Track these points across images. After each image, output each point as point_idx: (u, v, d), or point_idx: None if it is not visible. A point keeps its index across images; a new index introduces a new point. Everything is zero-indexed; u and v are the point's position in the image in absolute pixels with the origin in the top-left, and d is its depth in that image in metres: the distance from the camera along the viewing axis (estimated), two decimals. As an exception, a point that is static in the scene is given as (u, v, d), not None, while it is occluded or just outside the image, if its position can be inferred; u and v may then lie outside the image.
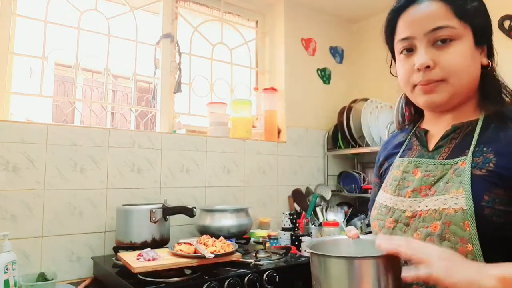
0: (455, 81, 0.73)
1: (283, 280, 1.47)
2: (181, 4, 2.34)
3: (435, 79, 0.74)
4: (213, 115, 2.24)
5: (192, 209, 1.67)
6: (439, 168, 0.76)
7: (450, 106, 0.78)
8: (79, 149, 1.73)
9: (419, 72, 0.75)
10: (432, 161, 0.78)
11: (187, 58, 2.33)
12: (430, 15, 0.74)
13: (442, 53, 0.73)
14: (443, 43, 0.73)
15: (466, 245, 0.66)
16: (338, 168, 2.73)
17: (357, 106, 2.51)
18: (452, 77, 0.73)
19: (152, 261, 1.33)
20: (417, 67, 0.74)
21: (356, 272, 0.64)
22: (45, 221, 1.62)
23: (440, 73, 0.73)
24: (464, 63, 0.73)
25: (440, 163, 0.76)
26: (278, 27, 2.62)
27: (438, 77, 0.74)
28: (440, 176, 0.75)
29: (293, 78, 2.58)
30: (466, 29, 0.73)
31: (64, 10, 1.93)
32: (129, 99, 3.88)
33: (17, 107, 1.81)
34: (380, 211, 0.84)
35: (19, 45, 1.81)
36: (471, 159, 0.71)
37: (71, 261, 1.67)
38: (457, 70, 0.73)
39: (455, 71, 0.73)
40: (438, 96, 0.75)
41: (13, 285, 1.30)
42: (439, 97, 0.75)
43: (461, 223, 0.67)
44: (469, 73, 0.74)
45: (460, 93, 0.75)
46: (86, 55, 1.97)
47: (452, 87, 0.74)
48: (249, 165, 2.28)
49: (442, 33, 0.73)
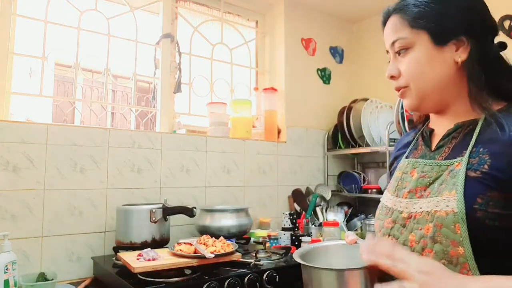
0: (417, 86, 0.78)
1: (283, 280, 1.47)
2: (181, 4, 2.34)
3: (400, 86, 0.80)
4: (213, 115, 2.24)
5: (192, 209, 1.67)
6: (435, 169, 0.76)
7: (429, 107, 0.81)
8: (79, 149, 1.73)
9: (390, 79, 0.82)
10: (429, 162, 0.78)
11: (187, 58, 2.33)
12: (391, 30, 0.81)
13: (402, 62, 0.79)
14: (402, 53, 0.79)
15: (457, 248, 0.66)
16: (338, 168, 2.73)
17: (357, 106, 2.51)
18: (413, 82, 0.78)
19: (152, 261, 1.33)
20: (386, 76, 0.82)
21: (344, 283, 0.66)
22: (45, 221, 1.62)
23: (403, 80, 0.79)
24: (419, 69, 0.77)
25: (436, 164, 0.76)
26: (278, 27, 2.62)
27: (402, 85, 0.80)
28: (435, 177, 0.75)
29: (293, 78, 2.58)
30: (419, 35, 0.76)
31: (64, 10, 1.93)
32: (129, 99, 3.88)
33: (17, 107, 1.81)
34: (381, 211, 0.85)
35: (19, 45, 1.81)
36: (467, 160, 0.70)
37: (71, 261, 1.67)
38: (414, 76, 0.77)
39: (413, 77, 0.78)
40: (408, 101, 0.81)
41: (13, 285, 1.30)
42: (409, 101, 0.81)
43: (452, 226, 0.66)
44: (428, 76, 0.77)
45: (430, 95, 0.78)
46: (86, 55, 1.97)
47: (416, 91, 0.78)
48: (249, 165, 2.28)
49: (398, 44, 0.79)
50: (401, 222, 0.77)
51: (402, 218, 0.77)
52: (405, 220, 0.76)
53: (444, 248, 0.67)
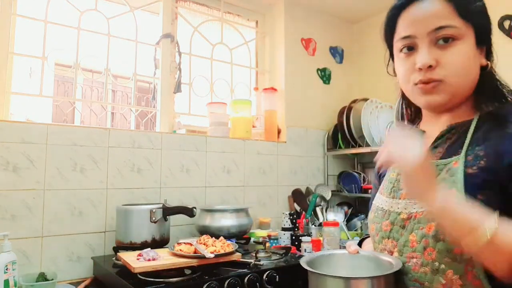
0: (455, 81, 0.73)
1: (283, 280, 1.47)
2: (181, 4, 2.34)
3: (436, 79, 0.73)
4: (213, 115, 2.24)
5: (192, 209, 1.66)
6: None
7: (449, 106, 0.77)
8: (79, 149, 1.73)
9: (420, 72, 0.74)
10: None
11: (187, 58, 2.33)
12: (433, 14, 0.72)
13: (445, 52, 0.72)
14: (446, 43, 0.72)
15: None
16: (338, 168, 2.73)
17: (357, 106, 2.51)
18: (453, 77, 0.72)
19: (152, 261, 1.33)
20: (419, 66, 0.73)
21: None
22: (45, 221, 1.62)
23: (441, 72, 0.72)
24: (466, 63, 0.72)
25: (434, 163, 0.76)
26: (278, 27, 2.62)
27: (439, 77, 0.73)
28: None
29: (293, 78, 2.58)
30: (468, 29, 0.73)
31: (64, 10, 1.93)
32: (129, 99, 3.87)
33: (17, 107, 1.81)
34: (377, 214, 0.84)
35: (19, 45, 1.81)
36: (464, 158, 0.71)
37: (71, 261, 1.67)
38: (458, 70, 0.72)
39: (456, 71, 0.72)
40: (438, 97, 0.74)
41: (13, 285, 1.30)
42: (439, 97, 0.74)
43: None
44: (469, 74, 0.74)
45: (459, 93, 0.75)
46: (86, 55, 1.97)
47: (452, 87, 0.73)
48: (249, 165, 2.28)
49: (445, 32, 0.72)
50: (400, 223, 0.76)
51: (401, 220, 0.76)
52: (405, 221, 0.75)
53: (448, 246, 0.67)
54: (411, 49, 0.76)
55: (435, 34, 0.72)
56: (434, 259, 0.69)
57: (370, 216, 0.88)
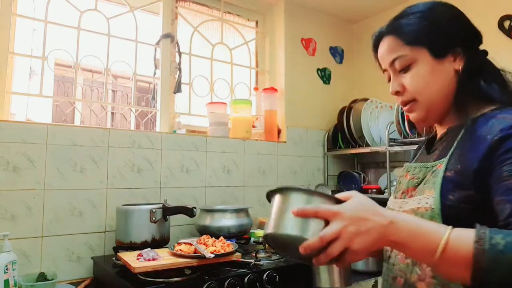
0: (424, 98, 0.82)
1: (283, 280, 1.47)
2: (181, 4, 2.34)
3: (407, 101, 0.84)
4: (213, 115, 2.24)
5: (192, 209, 1.66)
6: (422, 171, 0.83)
7: (435, 117, 0.85)
8: (79, 149, 1.73)
9: (396, 95, 0.87)
10: (419, 165, 0.86)
11: (187, 58, 2.33)
12: (387, 50, 0.85)
13: (405, 78, 0.83)
14: (404, 70, 0.83)
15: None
16: (338, 168, 2.73)
17: (357, 106, 2.51)
18: (419, 95, 0.82)
19: (152, 261, 1.33)
20: (391, 93, 0.87)
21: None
22: (45, 221, 1.62)
23: (409, 95, 0.83)
24: (424, 82, 0.81)
25: (424, 166, 0.84)
26: (278, 27, 2.62)
27: (408, 99, 0.84)
28: (422, 179, 0.82)
29: (293, 78, 2.58)
30: (420, 51, 0.81)
31: (64, 10, 1.93)
32: (129, 99, 3.87)
33: (17, 107, 1.81)
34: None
35: (19, 45, 1.81)
36: (447, 161, 0.76)
37: (71, 261, 1.67)
38: (420, 89, 0.81)
39: (419, 90, 0.82)
40: (416, 114, 0.84)
41: (13, 285, 1.30)
42: (417, 114, 0.84)
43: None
44: (434, 87, 0.81)
45: (435, 104, 0.82)
46: (86, 55, 1.97)
47: (424, 103, 0.82)
48: (249, 165, 2.28)
49: (397, 62, 0.83)
50: None
51: None
52: None
53: None
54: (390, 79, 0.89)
55: (394, 66, 0.84)
56: None
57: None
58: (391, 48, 0.84)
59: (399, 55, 0.82)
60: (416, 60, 0.81)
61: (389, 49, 0.84)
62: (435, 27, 0.81)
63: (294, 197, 0.72)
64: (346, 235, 0.64)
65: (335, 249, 0.64)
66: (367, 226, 0.65)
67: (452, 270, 0.62)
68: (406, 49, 0.82)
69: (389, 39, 0.85)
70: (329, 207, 0.68)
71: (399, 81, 0.84)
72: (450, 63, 0.81)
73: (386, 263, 0.88)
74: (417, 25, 0.81)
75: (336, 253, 0.65)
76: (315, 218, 0.68)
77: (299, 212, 0.68)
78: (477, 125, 0.75)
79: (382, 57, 0.87)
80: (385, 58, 0.86)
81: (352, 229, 0.64)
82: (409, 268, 0.79)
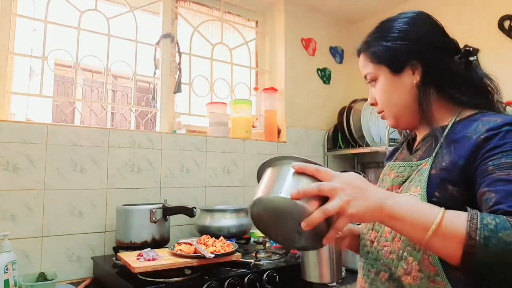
0: (389, 110, 0.91)
1: (283, 280, 1.47)
2: (181, 4, 2.34)
3: (379, 111, 0.94)
4: (213, 115, 2.24)
5: (192, 209, 1.66)
6: (407, 169, 0.87)
7: (405, 124, 0.92)
8: (79, 149, 1.73)
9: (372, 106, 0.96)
10: (403, 164, 0.90)
11: (187, 58, 2.33)
12: (361, 66, 0.95)
13: (375, 91, 0.92)
14: (373, 85, 0.92)
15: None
16: (338, 168, 2.73)
17: (357, 106, 2.51)
18: (385, 106, 0.91)
19: (152, 261, 1.33)
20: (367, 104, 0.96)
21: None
22: (45, 221, 1.62)
23: (379, 106, 0.93)
24: (386, 96, 0.90)
25: (408, 165, 0.87)
26: (278, 27, 2.62)
27: (379, 109, 0.93)
28: (407, 177, 0.85)
29: (293, 78, 2.57)
30: (380, 68, 0.89)
31: (64, 10, 1.93)
32: (129, 99, 3.87)
33: (17, 107, 1.81)
34: None
35: (19, 45, 1.81)
36: (432, 161, 0.80)
37: (71, 261, 1.67)
38: (384, 102, 0.91)
39: (384, 103, 0.91)
40: (387, 121, 0.93)
41: (13, 285, 1.30)
42: (388, 122, 0.93)
43: None
44: (395, 100, 0.89)
45: (401, 114, 0.90)
46: (86, 55, 1.97)
47: (391, 112, 0.91)
48: (249, 165, 2.28)
49: (368, 78, 0.92)
50: None
51: None
52: None
53: None
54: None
55: (366, 80, 0.93)
56: (399, 247, 0.80)
57: None
58: (362, 65, 0.94)
59: (367, 71, 0.92)
60: (378, 76, 0.90)
61: (362, 65, 0.94)
62: (392, 45, 0.87)
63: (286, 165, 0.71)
64: (344, 196, 0.66)
65: (332, 207, 0.65)
66: (365, 194, 0.68)
67: (444, 245, 0.65)
68: (371, 66, 0.91)
69: (362, 55, 0.94)
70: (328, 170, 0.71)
71: (372, 94, 0.93)
72: (409, 77, 0.87)
73: (365, 258, 0.90)
74: (376, 45, 0.89)
75: (332, 211, 0.65)
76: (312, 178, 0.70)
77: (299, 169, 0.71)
78: (460, 127, 0.80)
79: (360, 71, 0.96)
80: (361, 72, 0.95)
81: (351, 192, 0.67)
82: (394, 262, 0.80)
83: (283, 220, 0.68)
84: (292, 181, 0.67)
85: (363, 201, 0.67)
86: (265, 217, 0.70)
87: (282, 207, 0.66)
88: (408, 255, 0.78)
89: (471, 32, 2.13)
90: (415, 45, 0.86)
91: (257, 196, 0.69)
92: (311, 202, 0.66)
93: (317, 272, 0.82)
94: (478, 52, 2.09)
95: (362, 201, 0.67)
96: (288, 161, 0.71)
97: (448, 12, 2.24)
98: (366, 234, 0.93)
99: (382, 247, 0.84)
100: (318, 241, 0.68)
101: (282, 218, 0.68)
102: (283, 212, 0.67)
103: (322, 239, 0.69)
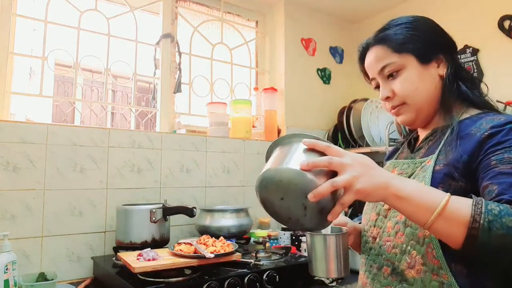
0: (412, 101, 0.88)
1: (283, 280, 1.47)
2: (181, 4, 2.34)
3: (397, 105, 0.91)
4: (213, 115, 2.24)
5: (192, 209, 1.66)
6: (411, 166, 0.89)
7: (423, 119, 0.91)
8: (79, 149, 1.73)
9: (386, 101, 0.93)
10: (406, 161, 0.92)
11: (187, 58, 2.33)
12: (376, 59, 0.91)
13: (394, 83, 0.89)
14: (393, 76, 0.89)
15: (424, 230, 0.76)
16: (338, 168, 2.72)
17: (357, 106, 2.51)
18: (408, 99, 0.88)
19: (152, 261, 1.33)
20: (381, 99, 0.93)
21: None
22: (45, 221, 1.62)
23: (398, 99, 0.90)
24: (413, 86, 0.87)
25: (412, 162, 0.89)
26: (278, 27, 2.62)
27: (398, 103, 0.90)
28: (410, 174, 0.87)
29: (293, 78, 2.57)
30: (407, 57, 0.88)
31: (64, 10, 1.93)
32: (129, 99, 3.87)
33: (17, 107, 1.81)
34: (368, 206, 0.98)
35: (19, 45, 1.81)
36: (436, 158, 0.82)
37: (71, 261, 1.67)
38: (409, 93, 0.88)
39: (408, 94, 0.88)
40: (404, 116, 0.91)
41: (13, 285, 1.30)
42: (405, 116, 0.91)
43: None
44: (422, 91, 0.88)
45: (423, 107, 0.89)
46: (86, 55, 1.97)
47: (412, 106, 0.89)
48: (249, 165, 2.28)
49: (387, 69, 0.89)
50: (383, 213, 0.89)
51: (384, 210, 0.89)
52: (387, 211, 0.88)
53: (413, 230, 0.79)
54: (378, 86, 0.95)
55: (383, 73, 0.90)
56: (403, 242, 0.81)
57: (364, 208, 1.00)
58: (379, 57, 0.90)
59: (388, 62, 0.89)
60: (404, 66, 0.88)
61: (378, 58, 0.91)
62: (419, 36, 0.88)
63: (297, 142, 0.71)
64: (353, 171, 0.67)
65: (340, 180, 0.66)
66: (373, 172, 0.69)
67: (448, 228, 0.66)
68: (394, 56, 0.88)
69: (377, 48, 0.91)
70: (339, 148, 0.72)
71: (389, 87, 0.90)
72: (435, 69, 0.88)
73: (367, 255, 0.92)
74: (404, 34, 0.88)
75: (340, 185, 0.66)
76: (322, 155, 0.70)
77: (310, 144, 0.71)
78: (464, 125, 0.82)
79: (370, 66, 0.93)
80: (373, 67, 0.92)
81: (359, 169, 0.68)
82: (397, 257, 0.82)
83: (290, 193, 0.68)
84: (302, 156, 0.69)
85: (370, 178, 0.68)
86: (271, 189, 0.70)
87: (291, 178, 0.67)
88: (412, 249, 0.79)
89: (471, 32, 2.13)
90: (440, 37, 0.90)
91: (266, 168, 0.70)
92: (320, 175, 0.67)
93: (324, 267, 0.82)
94: (478, 52, 2.10)
95: (369, 178, 0.68)
96: (299, 138, 0.72)
97: (448, 12, 2.24)
98: (368, 231, 0.94)
99: (384, 242, 0.86)
100: (323, 218, 0.69)
101: (288, 190, 0.67)
102: (290, 183, 0.67)
103: (327, 216, 0.69)
